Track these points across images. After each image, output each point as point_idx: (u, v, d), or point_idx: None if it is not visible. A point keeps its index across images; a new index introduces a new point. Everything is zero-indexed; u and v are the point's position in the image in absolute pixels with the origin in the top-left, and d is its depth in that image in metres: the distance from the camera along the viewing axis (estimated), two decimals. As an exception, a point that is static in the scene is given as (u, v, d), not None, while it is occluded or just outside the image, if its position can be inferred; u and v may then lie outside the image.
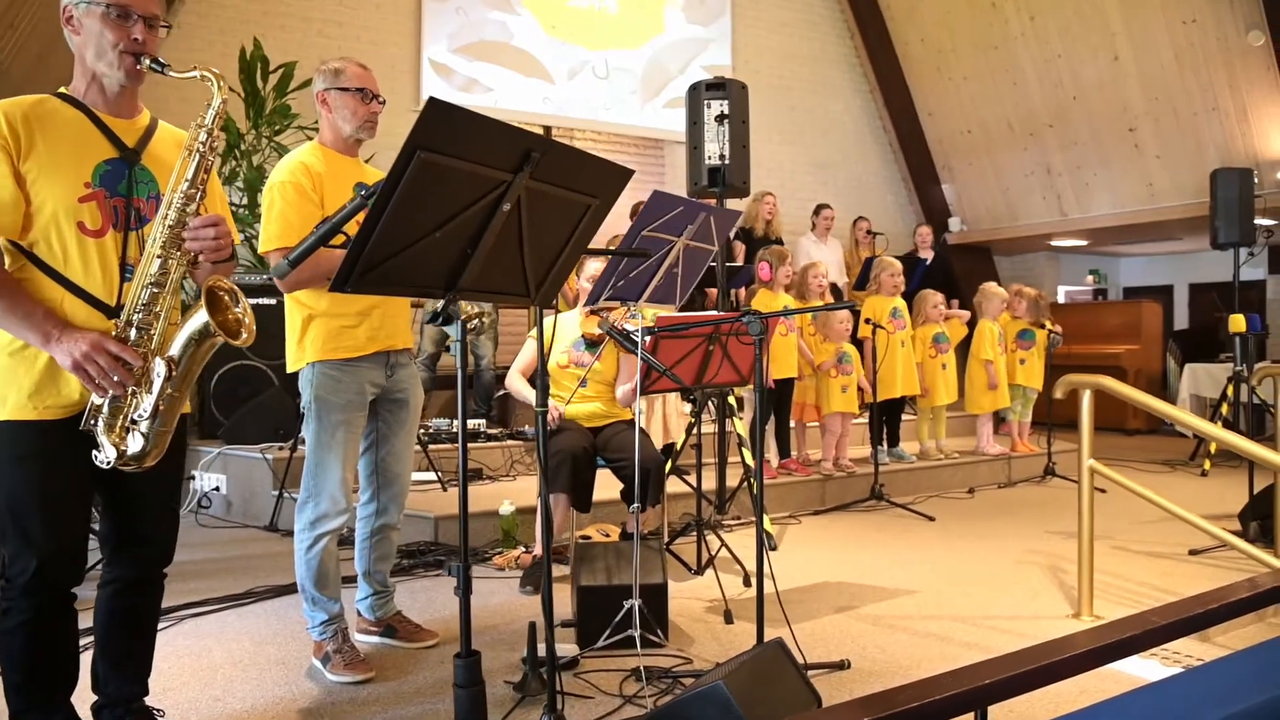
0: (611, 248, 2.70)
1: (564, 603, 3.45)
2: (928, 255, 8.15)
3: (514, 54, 8.42)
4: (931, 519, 5.23)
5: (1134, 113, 8.50)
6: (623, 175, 2.00)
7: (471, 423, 5.75)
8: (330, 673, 2.89)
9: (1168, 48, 8.02)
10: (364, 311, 2.86)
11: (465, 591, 1.82)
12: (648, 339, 4.03)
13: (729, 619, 3.42)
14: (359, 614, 3.25)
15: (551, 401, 3.93)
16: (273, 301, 5.65)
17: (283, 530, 4.91)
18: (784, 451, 5.72)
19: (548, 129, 8.85)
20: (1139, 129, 8.53)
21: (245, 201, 6.56)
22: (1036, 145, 9.40)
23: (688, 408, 5.07)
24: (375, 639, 3.22)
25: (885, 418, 6.27)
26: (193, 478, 5.55)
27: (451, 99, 6.49)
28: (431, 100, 1.49)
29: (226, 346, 6.21)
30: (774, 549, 4.52)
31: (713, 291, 6.97)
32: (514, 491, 4.97)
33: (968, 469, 6.37)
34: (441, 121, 1.53)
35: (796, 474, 5.61)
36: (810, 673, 2.86)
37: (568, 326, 4.22)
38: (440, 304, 1.82)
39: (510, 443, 5.78)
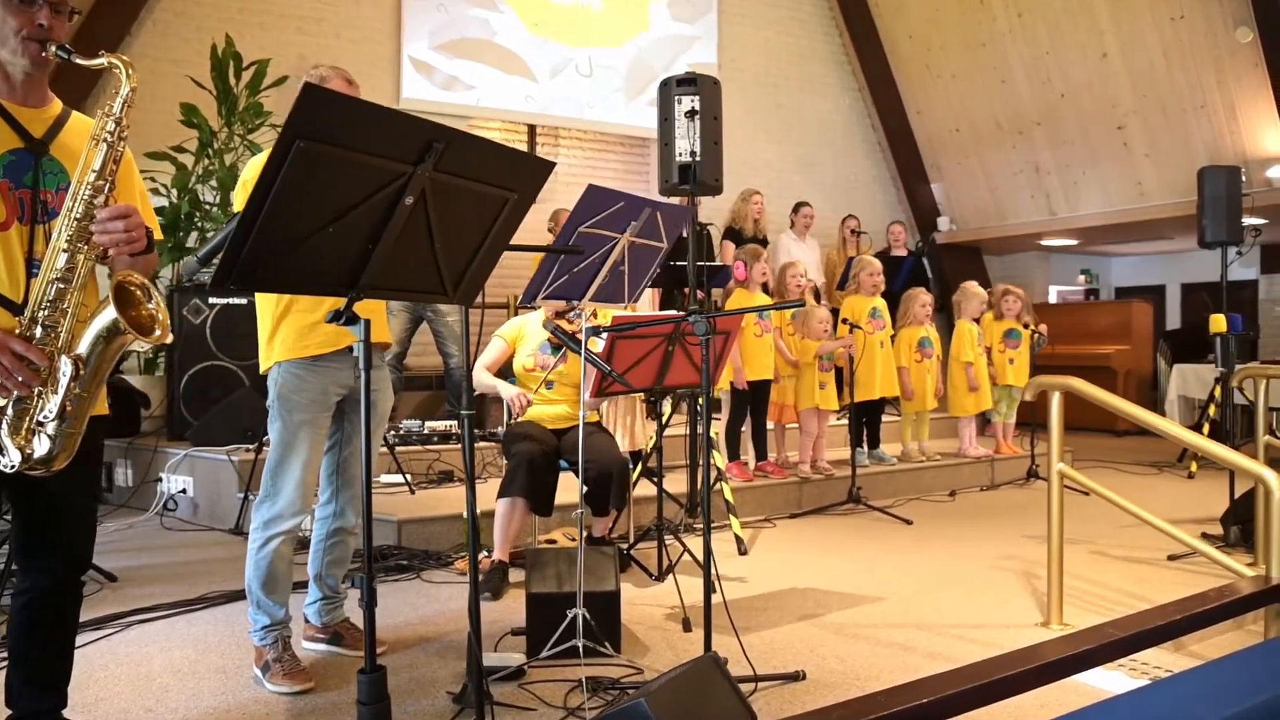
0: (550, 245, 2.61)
1: (519, 609, 3.36)
2: (902, 253, 8.05)
3: (496, 51, 8.33)
4: (909, 523, 5.14)
5: (1122, 110, 8.41)
6: (543, 168, 1.91)
7: (443, 424, 5.66)
8: (269, 682, 2.81)
9: (1156, 45, 7.93)
10: (334, 307, 2.80)
11: (369, 604, 1.74)
12: (601, 340, 3.95)
13: (687, 627, 3.33)
14: (306, 619, 3.17)
15: (519, 390, 3.85)
16: (244, 301, 5.57)
17: (248, 533, 4.82)
18: (760, 454, 5.63)
19: (532, 127, 8.78)
20: (1128, 127, 8.44)
21: (218, 200, 6.48)
22: (1025, 144, 9.31)
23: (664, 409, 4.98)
24: (321, 646, 3.14)
25: (865, 419, 6.17)
26: (160, 480, 5.47)
27: (433, 97, 6.40)
28: (307, 86, 1.40)
29: (199, 347, 6.06)
30: (744, 553, 4.43)
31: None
32: (485, 494, 4.87)
33: (950, 471, 6.28)
34: (322, 109, 1.44)
35: (773, 476, 5.52)
36: (762, 685, 2.78)
37: (534, 329, 4.14)
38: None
39: (483, 444, 5.69)
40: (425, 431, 5.60)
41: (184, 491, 5.39)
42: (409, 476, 5.22)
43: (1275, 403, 7.22)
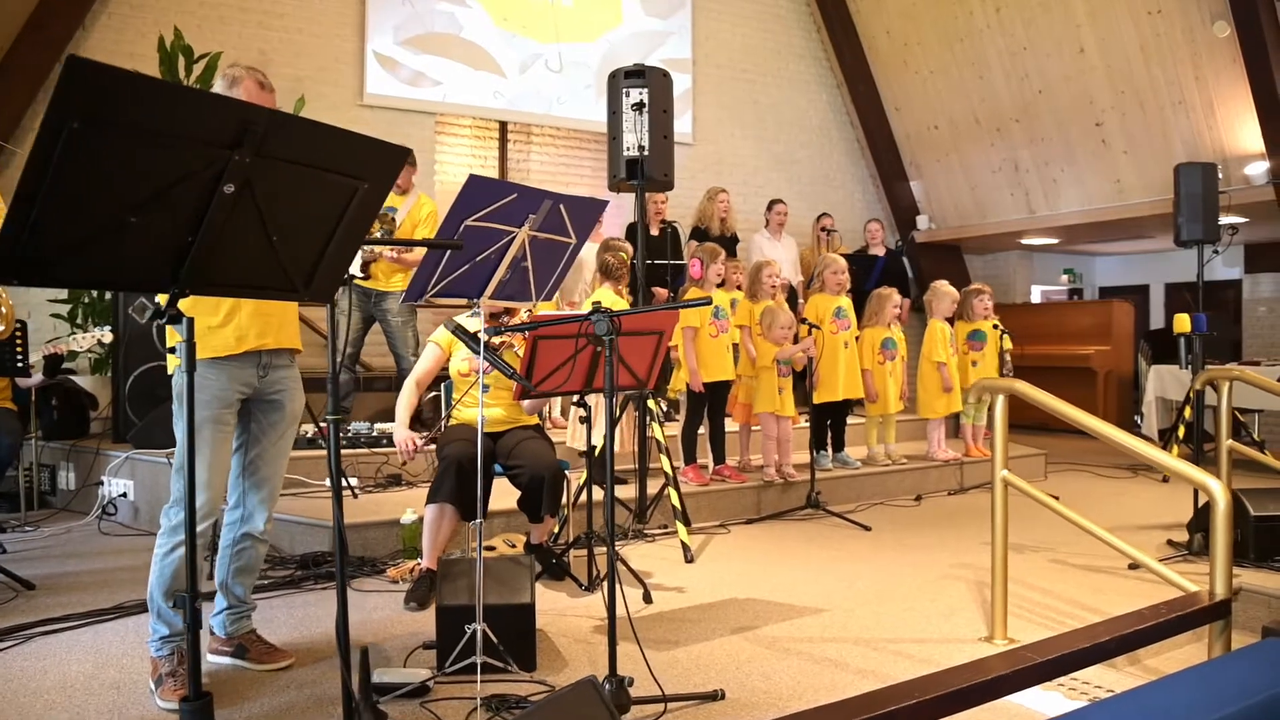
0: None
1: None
2: (879, 251, 7.90)
3: (463, 46, 8.18)
4: (867, 529, 5.00)
5: (1100, 107, 8.26)
6: (395, 155, 1.76)
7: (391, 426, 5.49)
8: (160, 698, 2.68)
9: (1133, 39, 7.78)
10: (229, 312, 2.74)
11: (194, 628, 1.59)
12: (519, 340, 3.80)
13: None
14: (211, 631, 3.03)
15: (409, 435, 3.70)
16: (188, 300, 5.42)
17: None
18: (718, 457, 5.48)
19: (503, 124, 8.61)
20: (1106, 124, 8.29)
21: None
22: (1004, 141, 9.16)
23: (632, 410, 4.83)
24: (226, 659, 3.00)
25: (830, 421, 6.02)
26: (101, 483, 5.32)
27: (398, 93, 6.20)
28: (70, 61, 1.25)
29: (145, 346, 5.88)
30: (690, 561, 4.28)
31: (661, 291, 6.74)
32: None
33: (917, 475, 6.13)
34: (100, 88, 1.29)
35: (730, 480, 5.37)
36: (675, 706, 2.64)
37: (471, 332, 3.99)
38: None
39: (433, 448, 5.53)
40: (374, 434, 5.45)
41: (125, 495, 5.24)
42: (355, 480, 5.08)
43: (1251, 404, 7.09)
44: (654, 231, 7.19)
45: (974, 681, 2.04)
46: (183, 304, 2.60)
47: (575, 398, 3.12)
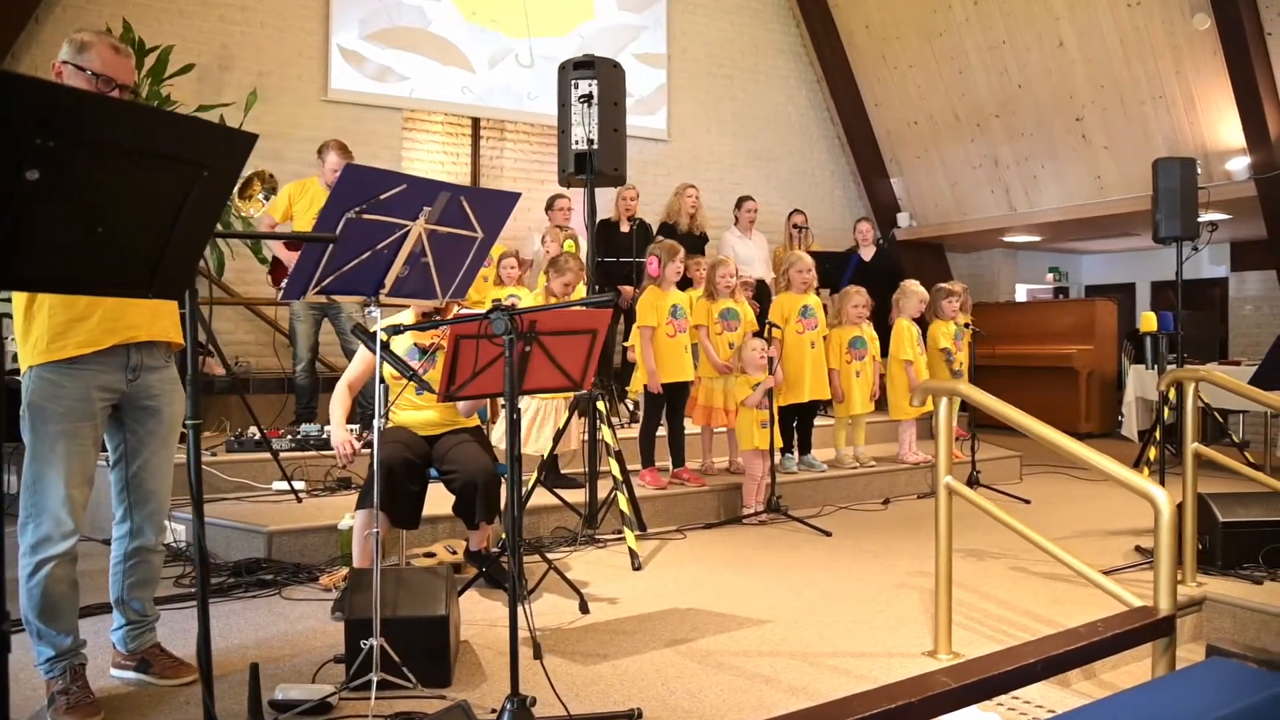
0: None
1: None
2: (868, 252, 7.74)
3: (431, 41, 8.03)
4: (828, 534, 4.85)
5: (1080, 101, 8.12)
6: (240, 141, 1.62)
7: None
8: (51, 717, 2.53)
9: (1113, 32, 7.64)
10: (92, 300, 2.48)
11: (2, 651, 1.45)
12: (437, 341, 3.65)
13: (537, 653, 3.02)
14: (113, 646, 2.89)
15: (347, 438, 3.53)
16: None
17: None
18: (677, 460, 5.33)
19: (476, 120, 8.46)
20: (1086, 119, 8.15)
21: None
22: (984, 137, 9.02)
23: (566, 412, 4.68)
24: (130, 674, 2.86)
25: (796, 423, 5.88)
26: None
27: (363, 88, 6.01)
28: None
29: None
30: (638, 568, 4.14)
31: (627, 290, 6.59)
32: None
33: (885, 478, 5.98)
34: None
35: (690, 484, 5.22)
36: (587, 727, 2.50)
37: (403, 334, 3.84)
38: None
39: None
40: (324, 436, 5.30)
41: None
42: (304, 484, 4.93)
43: (1233, 405, 6.94)
44: (624, 229, 7.06)
45: (885, 707, 1.90)
46: (40, 296, 2.45)
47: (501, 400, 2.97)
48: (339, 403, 3.70)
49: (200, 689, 2.76)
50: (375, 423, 2.68)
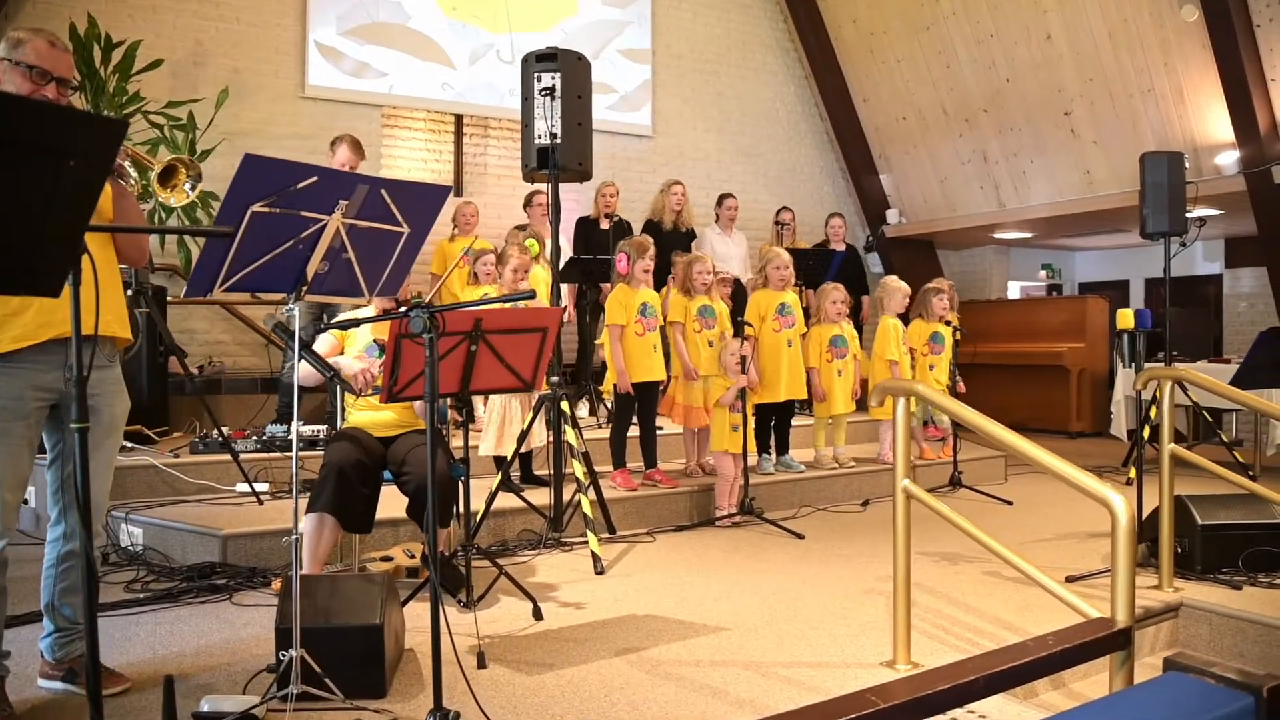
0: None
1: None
2: (839, 247, 7.63)
3: (410, 36, 7.93)
4: (801, 537, 4.74)
5: (1069, 95, 7.99)
6: (110, 127, 1.52)
7: (310, 429, 5.25)
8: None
9: (1101, 25, 7.51)
10: (27, 297, 2.37)
11: None
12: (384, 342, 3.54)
13: (482, 663, 2.94)
14: (41, 655, 2.80)
15: (365, 365, 3.44)
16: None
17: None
18: (649, 461, 5.22)
19: (459, 117, 8.35)
20: (1074, 113, 8.03)
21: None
22: (972, 132, 8.90)
23: (530, 412, 4.57)
24: (57, 685, 2.77)
25: (773, 423, 5.77)
26: None
27: (341, 85, 5.86)
28: None
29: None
30: (600, 573, 4.04)
31: (607, 287, 6.48)
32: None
33: (864, 479, 5.87)
34: None
35: (661, 485, 5.12)
36: (516, 742, 2.40)
37: (362, 329, 3.75)
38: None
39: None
40: (289, 437, 5.20)
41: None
42: (268, 485, 4.84)
43: (1225, 404, 6.82)
44: (604, 226, 6.96)
45: (867, 710, 1.80)
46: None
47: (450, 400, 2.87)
48: (323, 351, 3.54)
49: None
50: (295, 425, 2.58)
